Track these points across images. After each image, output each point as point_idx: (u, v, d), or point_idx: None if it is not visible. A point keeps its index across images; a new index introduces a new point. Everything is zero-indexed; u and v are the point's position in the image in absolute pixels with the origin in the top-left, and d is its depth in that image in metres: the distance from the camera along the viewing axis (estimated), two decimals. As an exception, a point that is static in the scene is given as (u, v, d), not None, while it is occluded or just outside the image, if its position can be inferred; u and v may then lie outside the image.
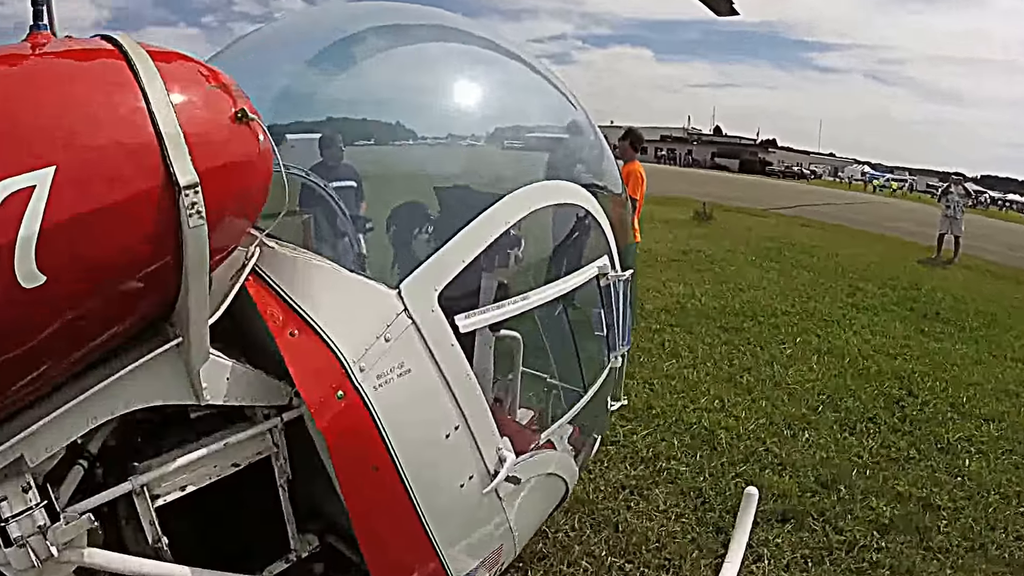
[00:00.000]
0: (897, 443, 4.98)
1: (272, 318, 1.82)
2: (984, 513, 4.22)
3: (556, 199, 2.61)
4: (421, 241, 3.07)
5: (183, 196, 1.41)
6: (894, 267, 12.60)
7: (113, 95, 1.44)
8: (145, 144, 1.41)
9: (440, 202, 3.12)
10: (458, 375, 2.08)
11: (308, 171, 3.34)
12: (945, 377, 6.46)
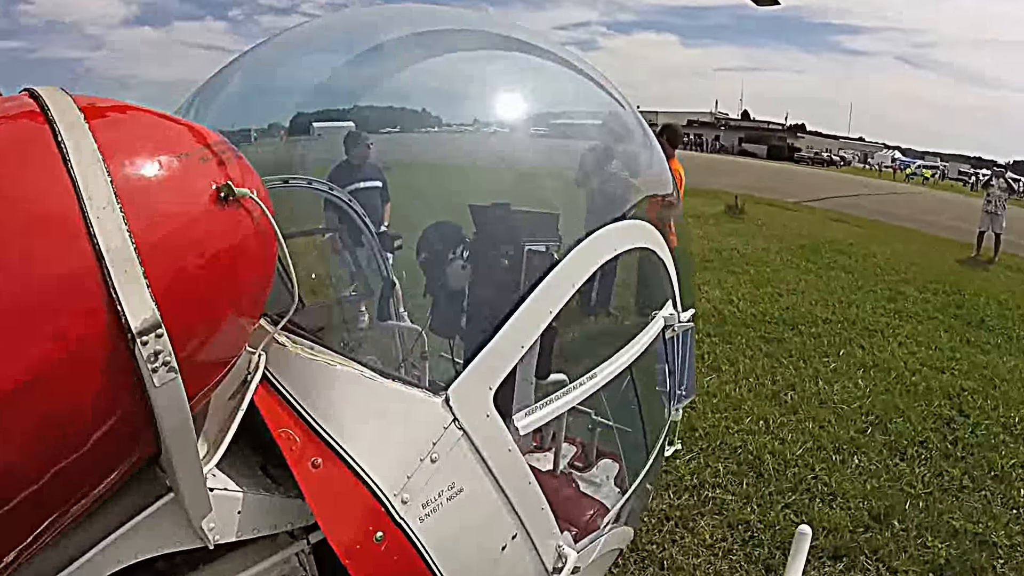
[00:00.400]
0: (950, 471, 4.85)
1: (288, 442, 1.47)
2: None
3: (626, 245, 2.44)
4: (457, 270, 3.00)
5: (139, 346, 1.02)
6: (934, 268, 12.32)
7: (21, 187, 1.00)
8: (73, 268, 0.98)
9: (481, 226, 3.04)
10: (516, 481, 1.81)
11: (332, 186, 3.36)
12: (995, 395, 6.28)
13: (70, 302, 0.98)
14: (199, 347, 1.17)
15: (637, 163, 3.36)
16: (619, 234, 2.42)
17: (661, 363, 2.71)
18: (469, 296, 3.16)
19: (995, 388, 6.44)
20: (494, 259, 2.95)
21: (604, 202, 3.04)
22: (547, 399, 2.00)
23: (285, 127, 3.28)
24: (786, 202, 23.43)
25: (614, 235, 2.39)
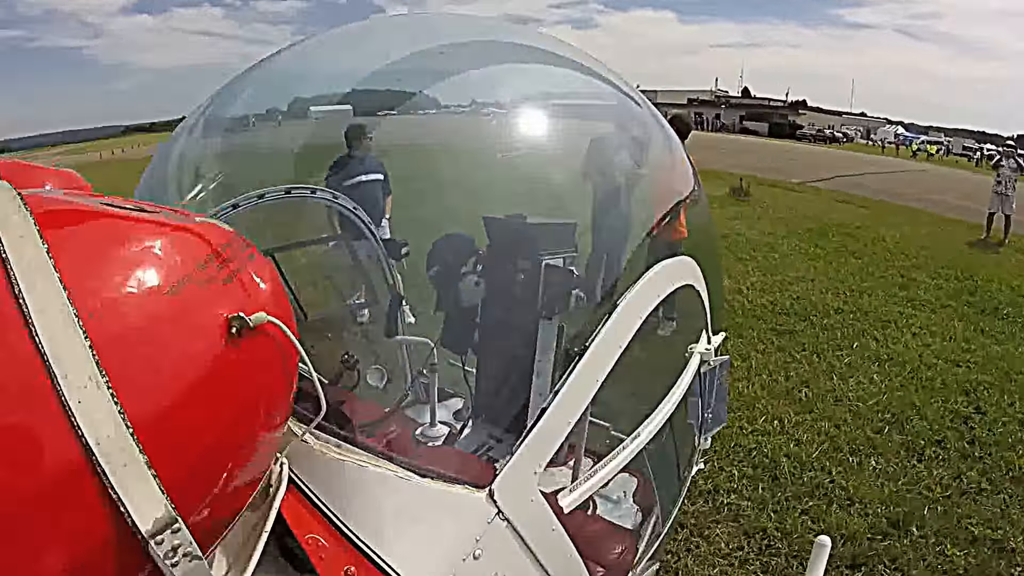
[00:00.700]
0: (968, 472, 4.79)
1: (317, 550, 1.34)
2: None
3: (669, 288, 2.29)
4: (470, 286, 2.92)
5: (152, 545, 0.86)
6: (944, 251, 12.19)
7: None
8: (57, 466, 0.79)
9: (495, 239, 2.93)
10: (559, 558, 1.71)
11: (337, 194, 3.29)
12: (1012, 388, 6.20)
13: (61, 508, 0.79)
14: (221, 504, 1.03)
15: (651, 159, 3.28)
16: (662, 279, 2.28)
17: (694, 395, 2.60)
18: (484, 313, 3.08)
19: (1011, 382, 6.36)
20: (510, 274, 2.88)
21: (616, 205, 2.98)
22: (591, 470, 1.89)
23: (283, 111, 3.29)
24: (790, 182, 23.23)
25: (658, 281, 2.23)
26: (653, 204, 4.26)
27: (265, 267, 1.12)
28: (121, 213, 0.98)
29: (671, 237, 5.80)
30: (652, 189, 3.38)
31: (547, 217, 3.01)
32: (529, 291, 2.89)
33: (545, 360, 3.05)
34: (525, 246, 2.84)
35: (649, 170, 3.41)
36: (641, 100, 3.05)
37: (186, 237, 1.00)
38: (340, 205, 3.36)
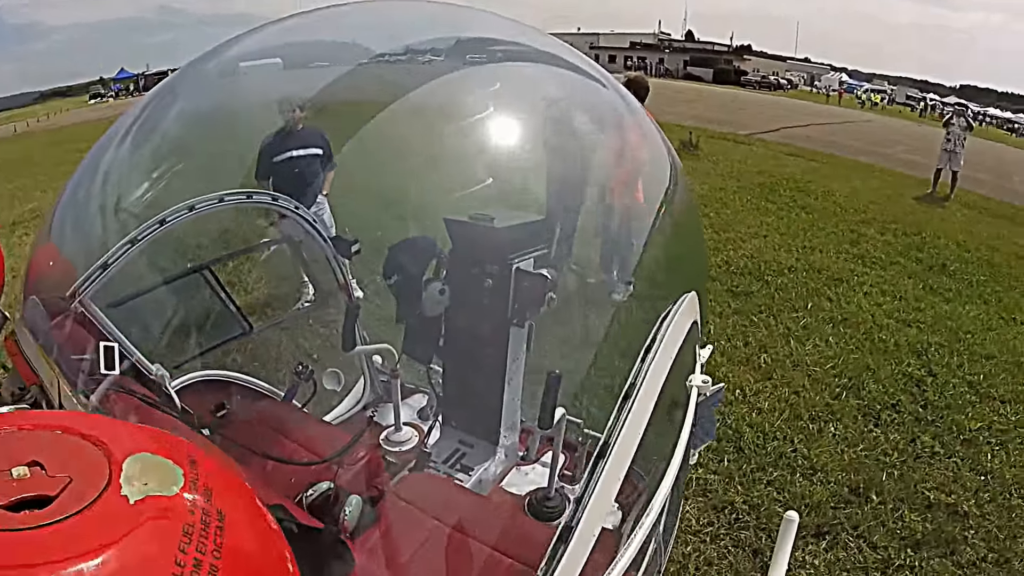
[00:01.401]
0: (921, 436, 4.97)
1: None
2: (1007, 520, 4.25)
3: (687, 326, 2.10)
4: (434, 295, 2.77)
5: None
6: (893, 207, 12.50)
7: None
8: None
9: (460, 244, 2.81)
10: None
11: (278, 196, 3.15)
12: (960, 349, 6.44)
13: None
14: None
15: (606, 123, 3.22)
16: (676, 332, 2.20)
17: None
18: (449, 320, 2.96)
19: (960, 342, 6.60)
20: (477, 281, 2.76)
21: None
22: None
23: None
24: (739, 135, 23.37)
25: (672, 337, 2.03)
26: (609, 169, 4.18)
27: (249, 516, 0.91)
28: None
29: (629, 204, 5.72)
30: (608, 155, 3.33)
31: (511, 207, 2.90)
32: (499, 298, 2.80)
33: (516, 366, 3.03)
34: (492, 251, 2.73)
35: (605, 135, 3.34)
36: (597, 70, 3.06)
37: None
38: (279, 207, 3.15)
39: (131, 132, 2.69)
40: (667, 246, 2.73)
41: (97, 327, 2.52)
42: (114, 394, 2.14)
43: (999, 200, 14.86)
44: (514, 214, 2.85)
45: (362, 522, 2.15)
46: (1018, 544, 4.08)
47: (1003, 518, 4.26)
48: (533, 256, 2.80)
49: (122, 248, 2.45)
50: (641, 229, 5.94)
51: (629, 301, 5.78)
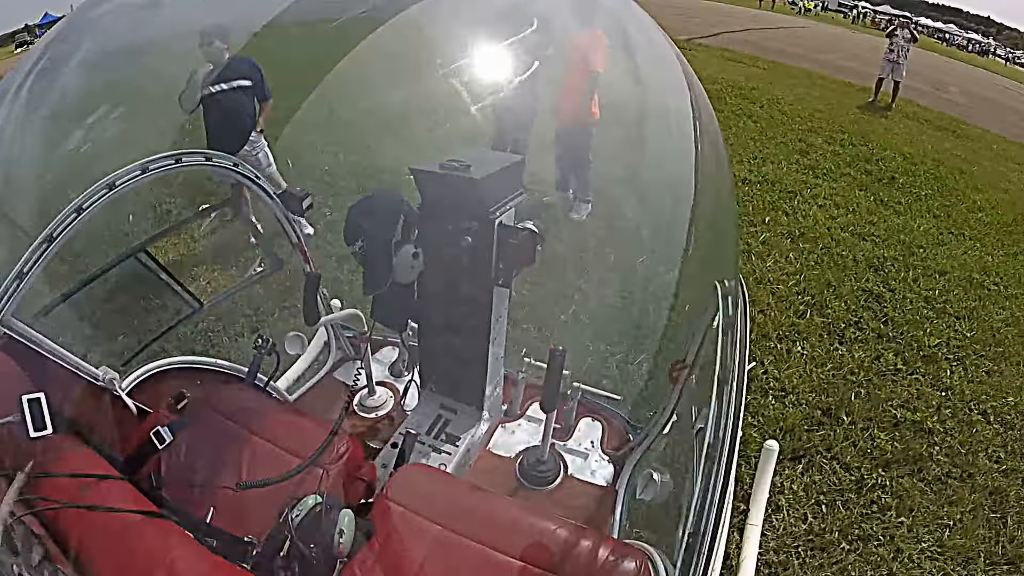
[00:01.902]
0: (885, 354, 5.02)
1: None
2: (968, 435, 4.37)
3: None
4: (406, 259, 2.45)
5: None
6: (837, 116, 12.47)
7: None
8: None
9: (431, 198, 2.48)
10: None
11: (232, 159, 2.77)
12: (915, 263, 6.52)
13: None
14: None
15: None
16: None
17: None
18: (425, 284, 2.65)
19: (913, 256, 6.68)
20: (454, 240, 2.42)
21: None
22: None
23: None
24: (680, 39, 22.86)
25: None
26: (563, 83, 3.90)
27: None
28: None
29: (583, 117, 5.39)
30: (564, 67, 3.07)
31: (466, 139, 2.58)
32: (481, 258, 2.49)
33: (499, 325, 2.81)
34: (471, 206, 2.39)
35: (558, 47, 3.03)
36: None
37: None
38: (214, 166, 2.73)
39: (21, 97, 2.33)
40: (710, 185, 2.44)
41: (30, 347, 2.17)
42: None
43: (939, 111, 15.03)
44: (488, 157, 2.51)
45: (357, 538, 1.94)
46: (979, 459, 4.19)
47: (964, 434, 4.37)
48: (513, 205, 2.50)
49: (39, 250, 2.05)
50: (594, 145, 5.69)
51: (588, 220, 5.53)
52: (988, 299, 6.06)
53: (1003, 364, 5.17)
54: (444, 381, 3.07)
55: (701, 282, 2.48)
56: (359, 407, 3.22)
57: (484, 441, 3.12)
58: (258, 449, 2.29)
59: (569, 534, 2.04)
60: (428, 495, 2.10)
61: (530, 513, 2.10)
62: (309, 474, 2.19)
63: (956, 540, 3.69)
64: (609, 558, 1.98)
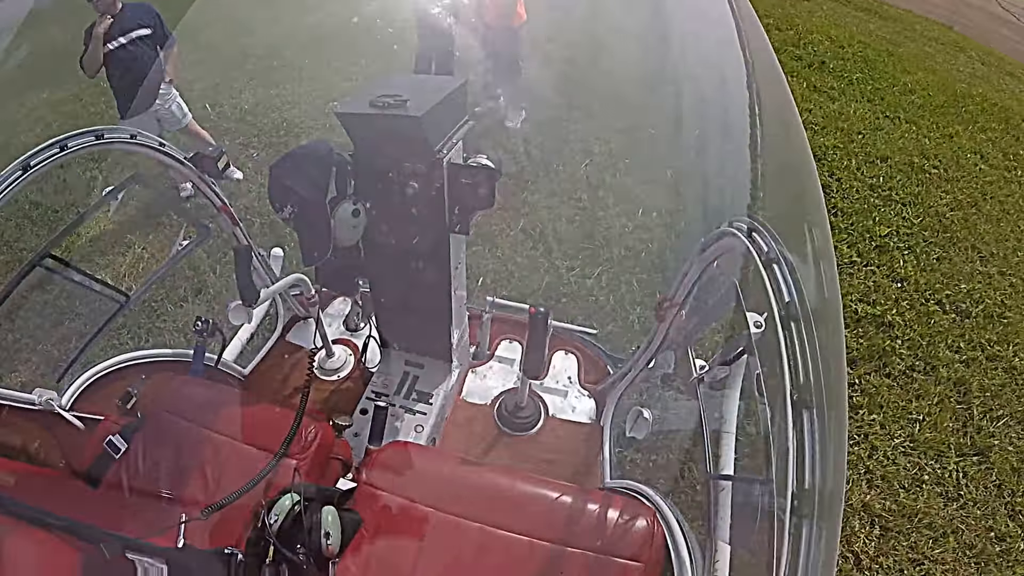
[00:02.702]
0: (839, 247, 4.90)
1: None
2: (928, 327, 4.33)
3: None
4: (346, 217, 2.09)
5: None
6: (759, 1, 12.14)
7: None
8: None
9: (364, 142, 2.10)
10: None
11: (136, 133, 2.30)
12: (856, 151, 6.39)
13: None
14: None
15: None
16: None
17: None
18: (371, 242, 2.29)
19: (853, 143, 6.54)
20: (398, 189, 2.07)
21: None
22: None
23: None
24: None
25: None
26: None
27: None
28: None
29: (511, 22, 4.95)
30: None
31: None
32: (432, 206, 2.13)
33: (459, 271, 2.50)
34: (414, 148, 1.99)
35: None
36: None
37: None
38: (110, 144, 2.24)
39: None
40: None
41: None
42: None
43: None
44: (424, 85, 2.13)
45: (345, 532, 1.70)
46: (940, 351, 4.15)
47: (923, 325, 4.31)
48: (460, 139, 2.11)
49: None
50: (522, 49, 5.26)
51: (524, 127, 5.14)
52: (931, 183, 6.00)
53: (951, 251, 5.13)
54: (407, 336, 2.83)
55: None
56: (318, 370, 2.95)
57: (457, 390, 2.89)
58: (222, 448, 2.07)
59: (571, 499, 1.87)
60: (413, 475, 1.92)
61: (525, 482, 1.91)
62: (280, 466, 1.99)
63: (927, 434, 3.65)
64: (619, 521, 1.77)
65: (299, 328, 3.22)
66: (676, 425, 2.79)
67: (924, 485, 3.44)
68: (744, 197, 2.05)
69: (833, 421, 1.18)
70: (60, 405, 2.21)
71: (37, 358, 3.70)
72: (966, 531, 3.28)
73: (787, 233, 1.55)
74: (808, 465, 1.12)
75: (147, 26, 4.27)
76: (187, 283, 4.17)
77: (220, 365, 2.68)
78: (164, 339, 3.84)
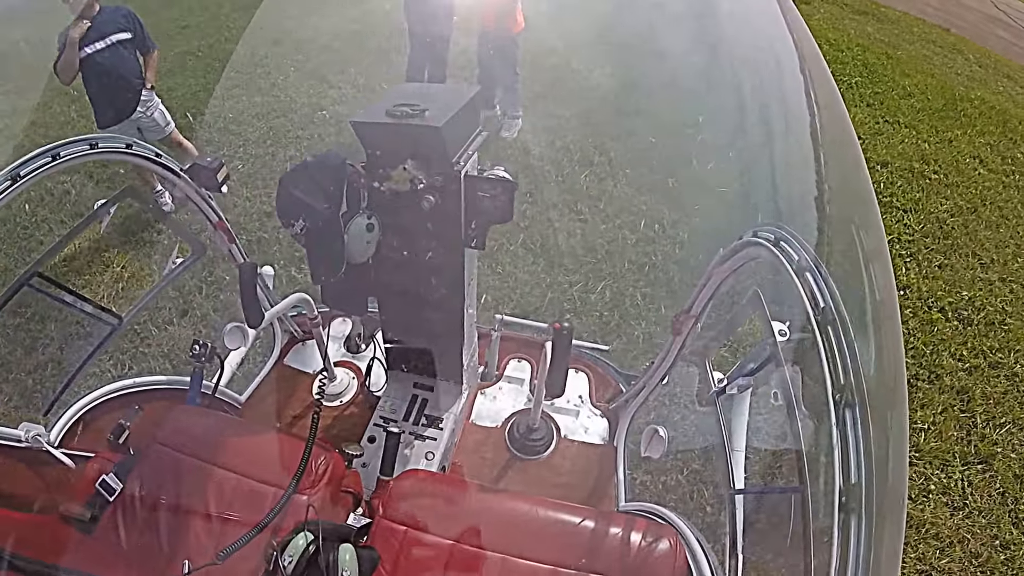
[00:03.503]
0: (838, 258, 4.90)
1: None
2: (931, 335, 4.38)
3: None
4: (360, 231, 2.07)
5: None
6: (759, 3, 12.19)
7: None
8: None
9: (379, 153, 2.04)
10: None
11: (132, 143, 2.24)
12: (874, 158, 6.41)
13: None
14: None
15: None
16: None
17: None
18: (382, 258, 2.26)
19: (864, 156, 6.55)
20: (414, 203, 2.01)
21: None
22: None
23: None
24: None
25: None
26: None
27: None
28: None
29: (508, 31, 4.97)
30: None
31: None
32: (448, 219, 2.10)
33: (471, 288, 2.48)
34: (432, 159, 1.97)
35: None
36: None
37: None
38: (103, 153, 2.18)
39: None
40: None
41: None
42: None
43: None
44: (439, 94, 2.08)
45: (363, 571, 1.65)
46: (943, 359, 4.20)
47: (926, 334, 4.36)
48: (476, 149, 2.10)
49: None
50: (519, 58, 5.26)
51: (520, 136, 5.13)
52: (931, 189, 6.05)
53: (953, 257, 5.18)
54: (415, 359, 2.77)
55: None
56: (325, 397, 2.86)
57: (466, 413, 2.86)
58: (225, 483, 1.95)
59: (592, 524, 1.86)
60: (430, 507, 1.88)
61: (544, 508, 1.89)
62: (290, 502, 1.89)
63: (931, 444, 3.70)
64: (641, 543, 1.79)
65: (297, 351, 3.14)
66: (693, 442, 2.83)
67: (931, 495, 3.49)
68: (767, 204, 2.08)
69: (894, 419, 1.22)
70: (49, 441, 2.12)
71: (10, 388, 3.56)
72: (972, 540, 3.33)
73: (838, 237, 1.59)
74: (853, 462, 1.14)
75: (126, 29, 4.17)
76: (171, 304, 4.07)
77: (216, 392, 2.60)
78: (150, 365, 3.72)
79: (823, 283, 1.37)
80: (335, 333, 3.21)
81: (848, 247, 1.58)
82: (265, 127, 5.82)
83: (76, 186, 4.99)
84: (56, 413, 2.33)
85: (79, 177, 5.00)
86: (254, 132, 5.76)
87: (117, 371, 3.64)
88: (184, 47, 7.01)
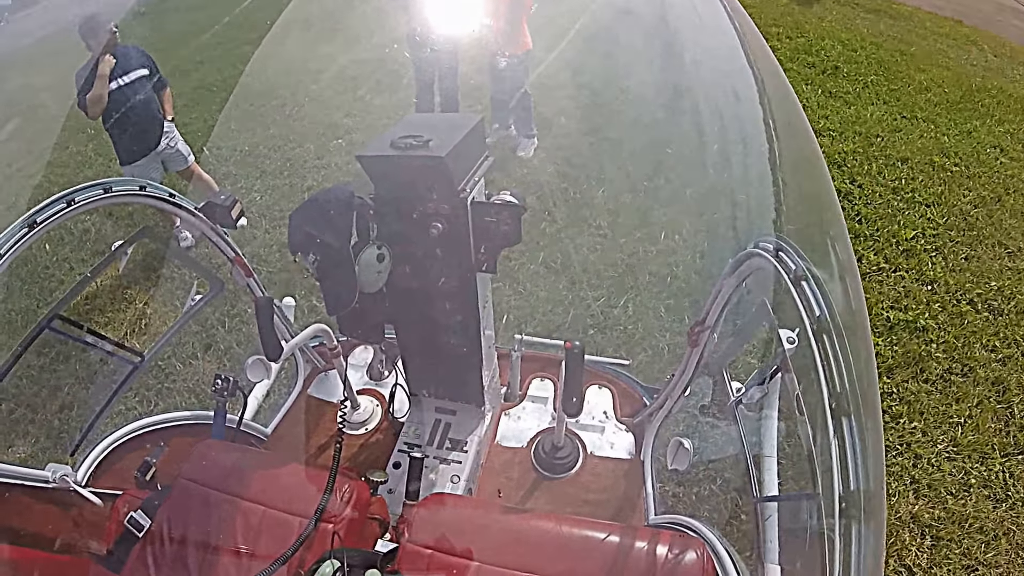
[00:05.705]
0: (866, 255, 4.89)
1: None
2: (961, 328, 4.31)
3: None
4: (371, 262, 2.10)
5: None
6: (768, 9, 12.12)
7: None
8: None
9: (387, 186, 2.10)
10: None
11: (146, 185, 2.27)
12: (876, 154, 6.37)
13: None
14: None
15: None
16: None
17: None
18: (395, 287, 2.30)
19: (873, 147, 6.52)
20: (422, 232, 2.06)
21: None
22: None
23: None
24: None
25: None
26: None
27: None
28: None
29: (516, 51, 5.03)
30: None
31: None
32: (457, 245, 2.15)
33: (487, 311, 2.51)
34: (438, 186, 2.02)
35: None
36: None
37: None
38: (150, 198, 2.26)
39: None
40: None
41: None
42: None
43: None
44: (442, 124, 2.13)
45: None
46: (975, 351, 4.13)
47: (957, 327, 4.30)
48: (482, 176, 2.13)
49: None
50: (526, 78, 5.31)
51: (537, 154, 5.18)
52: (952, 182, 5.97)
53: (979, 248, 5.11)
54: (436, 382, 2.79)
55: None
56: (347, 426, 2.88)
57: (491, 435, 2.86)
58: (252, 516, 1.96)
59: (619, 539, 1.84)
60: (457, 529, 1.87)
61: (571, 525, 1.88)
62: (317, 531, 1.90)
63: (969, 437, 3.63)
64: (668, 556, 1.78)
65: (320, 381, 3.16)
66: (722, 452, 2.81)
67: (971, 489, 3.42)
68: (769, 215, 2.09)
69: (870, 426, 1.22)
70: (76, 481, 2.12)
71: (36, 430, 3.62)
72: (1017, 531, 3.26)
73: (812, 248, 1.60)
74: (852, 469, 1.15)
75: (145, 65, 4.34)
76: (195, 339, 4.12)
77: (242, 428, 2.61)
78: (175, 400, 3.77)
79: (818, 292, 1.39)
80: (358, 361, 3.22)
81: (824, 259, 1.60)
82: (281, 158, 5.91)
83: (95, 224, 5.11)
84: (82, 452, 2.34)
85: (98, 216, 5.13)
86: (271, 164, 5.85)
87: (143, 408, 3.70)
88: (198, 82, 7.17)
